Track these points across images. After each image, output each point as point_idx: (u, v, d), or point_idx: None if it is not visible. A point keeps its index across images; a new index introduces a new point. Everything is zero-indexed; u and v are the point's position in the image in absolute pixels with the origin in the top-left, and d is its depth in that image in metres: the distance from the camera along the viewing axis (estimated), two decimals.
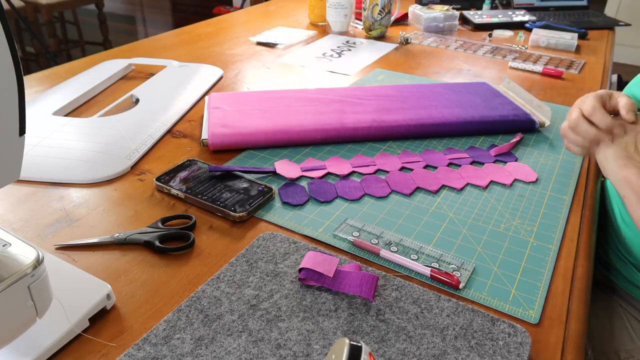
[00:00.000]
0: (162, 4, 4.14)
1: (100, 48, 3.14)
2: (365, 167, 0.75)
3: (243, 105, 0.87)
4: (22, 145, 0.38)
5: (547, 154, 0.81)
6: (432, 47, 1.33)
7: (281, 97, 0.91)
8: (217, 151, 0.77)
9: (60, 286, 0.45)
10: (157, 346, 0.45)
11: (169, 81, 1.01)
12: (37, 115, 0.84)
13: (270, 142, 0.79)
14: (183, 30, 1.40)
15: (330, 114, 0.85)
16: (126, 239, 0.57)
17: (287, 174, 0.71)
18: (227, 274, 0.53)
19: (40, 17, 2.77)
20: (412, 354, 0.45)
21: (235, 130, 0.79)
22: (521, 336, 0.47)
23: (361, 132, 0.82)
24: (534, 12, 1.64)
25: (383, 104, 0.89)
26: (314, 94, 0.92)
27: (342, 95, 0.92)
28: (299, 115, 0.84)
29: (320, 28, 1.48)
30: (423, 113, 0.86)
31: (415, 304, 0.50)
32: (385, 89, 0.96)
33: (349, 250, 0.58)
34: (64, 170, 0.70)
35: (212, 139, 0.77)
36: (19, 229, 0.60)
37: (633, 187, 0.61)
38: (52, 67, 1.09)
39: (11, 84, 0.35)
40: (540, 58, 1.25)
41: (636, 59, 3.59)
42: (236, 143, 0.77)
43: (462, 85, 1.00)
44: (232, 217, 0.62)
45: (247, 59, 1.20)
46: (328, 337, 0.46)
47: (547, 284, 0.54)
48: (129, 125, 0.82)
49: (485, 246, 0.59)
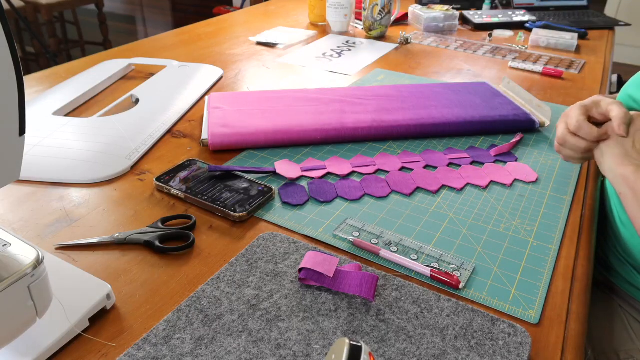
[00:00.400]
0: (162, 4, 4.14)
1: (100, 48, 3.14)
2: (365, 167, 0.75)
3: (243, 105, 0.87)
4: (22, 145, 0.38)
5: (547, 154, 0.81)
6: (432, 47, 1.33)
7: (281, 97, 0.91)
8: (217, 151, 0.77)
9: (60, 286, 0.45)
10: (157, 346, 0.45)
11: (169, 81, 1.01)
12: (37, 115, 0.84)
13: (270, 142, 0.79)
14: (183, 30, 1.40)
15: (330, 114, 0.85)
16: (126, 239, 0.57)
17: (287, 174, 0.71)
18: (227, 274, 0.53)
19: (40, 17, 2.77)
20: (412, 354, 0.45)
21: (235, 130, 0.79)
22: (521, 336, 0.47)
23: (361, 132, 0.82)
24: (534, 12, 1.64)
25: (383, 104, 0.89)
26: (314, 94, 0.92)
27: (342, 95, 0.92)
28: (299, 115, 0.84)
29: (320, 28, 1.48)
30: (423, 113, 0.86)
31: (415, 304, 0.50)
32: (385, 89, 0.96)
33: (349, 250, 0.58)
34: (64, 170, 0.70)
35: (212, 139, 0.77)
36: (19, 229, 0.60)
37: (630, 185, 0.61)
38: (52, 67, 1.09)
39: (11, 84, 0.35)
40: (540, 58, 1.25)
41: (636, 59, 3.59)
42: (236, 143, 0.77)
43: (462, 85, 1.00)
44: (232, 217, 0.62)
45: (247, 59, 1.20)
46: (328, 337, 0.46)
47: (547, 284, 0.54)
48: (129, 125, 0.82)
49: (485, 246, 0.59)
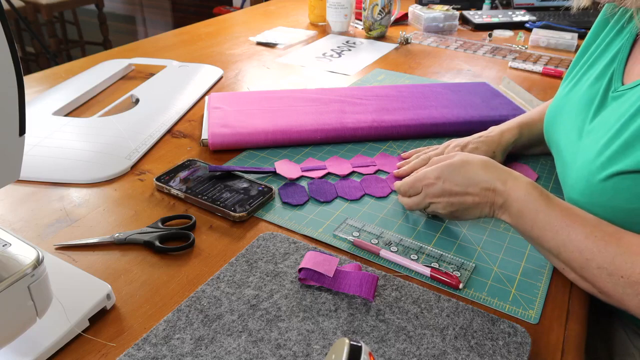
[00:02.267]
0: (162, 4, 4.13)
1: (100, 48, 3.14)
2: (365, 167, 0.75)
3: (243, 105, 0.87)
4: (22, 145, 0.38)
5: (547, 154, 0.80)
6: (432, 47, 1.33)
7: (281, 97, 0.91)
8: (217, 151, 0.77)
9: (60, 286, 0.45)
10: (157, 346, 0.45)
11: (169, 81, 1.01)
12: (37, 115, 0.84)
13: (270, 142, 0.79)
14: (183, 30, 1.40)
15: (331, 114, 0.85)
16: (126, 239, 0.57)
17: (287, 174, 0.71)
18: (227, 274, 0.53)
19: (40, 17, 2.77)
20: (412, 354, 0.45)
21: (235, 130, 0.79)
22: (521, 336, 0.47)
23: (361, 132, 0.82)
24: (534, 12, 1.64)
25: (383, 104, 0.89)
26: (314, 94, 0.92)
27: (342, 96, 0.92)
28: (299, 116, 0.84)
29: (320, 28, 1.48)
30: (423, 113, 0.86)
31: (415, 304, 0.50)
32: (385, 89, 0.96)
33: (349, 250, 0.58)
34: (64, 170, 0.70)
35: (212, 139, 0.77)
36: (19, 229, 0.60)
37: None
38: (52, 67, 1.09)
39: (11, 84, 0.35)
40: (540, 58, 1.25)
41: None
42: (236, 143, 0.77)
43: (462, 85, 1.00)
44: (232, 217, 0.62)
45: (247, 59, 1.20)
46: (328, 337, 0.46)
47: (547, 284, 0.54)
48: (129, 125, 0.82)
49: (485, 246, 0.59)
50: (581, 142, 0.61)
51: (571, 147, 0.62)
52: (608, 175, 0.52)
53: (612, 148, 0.53)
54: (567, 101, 0.68)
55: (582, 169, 0.57)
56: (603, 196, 0.53)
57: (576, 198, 0.57)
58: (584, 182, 0.56)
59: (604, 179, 0.53)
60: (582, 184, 0.56)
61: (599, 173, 0.54)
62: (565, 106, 0.67)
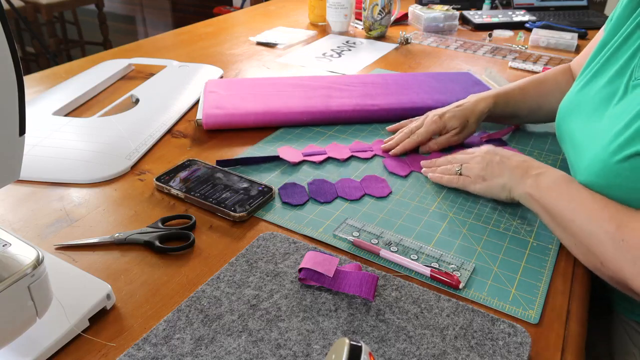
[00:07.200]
0: (162, 4, 4.13)
1: (100, 48, 3.14)
2: (363, 152, 0.78)
3: (236, 90, 0.92)
4: (22, 145, 0.38)
5: (547, 154, 0.81)
6: (432, 47, 1.33)
7: (273, 84, 0.95)
8: (217, 151, 0.77)
9: (60, 286, 0.45)
10: (157, 346, 0.45)
11: (169, 81, 1.01)
12: (37, 115, 0.84)
13: (260, 123, 0.83)
14: (183, 30, 1.40)
15: (318, 98, 0.89)
16: (126, 239, 0.57)
17: (290, 158, 0.74)
18: (227, 274, 0.53)
19: (40, 17, 2.77)
20: (412, 354, 0.45)
21: (227, 111, 0.83)
22: (521, 336, 0.47)
23: (344, 114, 0.87)
24: (534, 12, 1.64)
25: (367, 90, 0.94)
26: (305, 81, 0.97)
27: (331, 82, 0.97)
28: (288, 99, 0.88)
29: (320, 28, 1.48)
30: (404, 98, 0.91)
31: (415, 304, 0.50)
32: (371, 77, 1.01)
33: (349, 250, 0.58)
34: (64, 170, 0.70)
35: (205, 119, 0.81)
36: (19, 229, 0.60)
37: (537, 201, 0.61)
38: (52, 67, 1.09)
39: (11, 84, 0.35)
40: (540, 58, 1.25)
41: None
42: (228, 123, 0.82)
43: (446, 74, 1.05)
44: (232, 217, 0.62)
45: (247, 59, 1.20)
46: (328, 337, 0.46)
47: (547, 284, 0.54)
48: (129, 125, 0.82)
49: (485, 246, 0.59)
50: (599, 125, 0.61)
51: (588, 131, 0.63)
52: (625, 157, 0.53)
53: (630, 130, 0.54)
54: (582, 97, 0.68)
55: (599, 151, 0.57)
56: (619, 177, 0.54)
57: (592, 180, 0.57)
58: (600, 164, 0.56)
59: (621, 160, 0.54)
60: (598, 165, 0.57)
61: (616, 155, 0.54)
62: (581, 102, 0.67)
